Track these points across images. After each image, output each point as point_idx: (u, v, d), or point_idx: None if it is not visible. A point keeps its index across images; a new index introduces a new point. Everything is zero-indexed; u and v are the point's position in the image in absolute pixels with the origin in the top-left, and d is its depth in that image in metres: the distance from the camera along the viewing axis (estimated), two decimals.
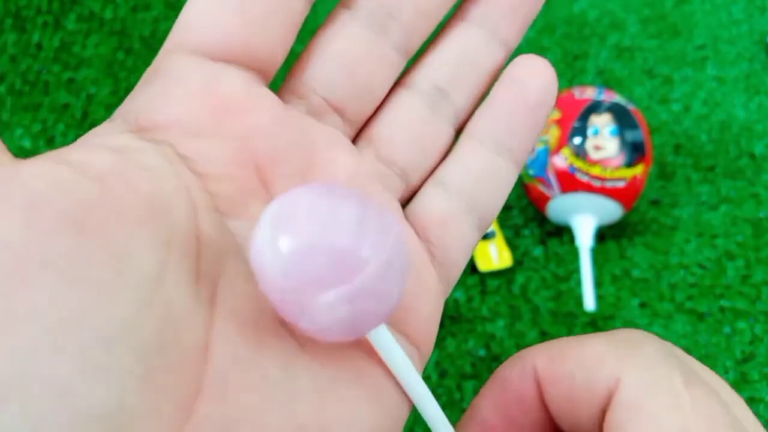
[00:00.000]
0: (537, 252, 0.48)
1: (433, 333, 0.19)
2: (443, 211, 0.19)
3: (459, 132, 0.21)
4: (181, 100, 0.16)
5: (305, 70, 0.19)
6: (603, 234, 0.49)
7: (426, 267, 0.19)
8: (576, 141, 0.44)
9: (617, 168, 0.43)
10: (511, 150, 0.20)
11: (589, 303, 0.45)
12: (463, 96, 0.21)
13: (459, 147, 0.20)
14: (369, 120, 0.20)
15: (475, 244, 0.21)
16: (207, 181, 0.16)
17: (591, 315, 0.46)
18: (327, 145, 0.18)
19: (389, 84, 0.20)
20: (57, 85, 0.56)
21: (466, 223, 0.20)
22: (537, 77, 0.20)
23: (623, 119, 0.44)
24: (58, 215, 0.12)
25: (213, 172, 0.16)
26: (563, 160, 0.44)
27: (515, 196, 0.50)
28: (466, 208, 0.20)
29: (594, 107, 0.44)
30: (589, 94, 0.46)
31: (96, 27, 0.59)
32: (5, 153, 0.13)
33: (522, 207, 0.50)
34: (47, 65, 0.57)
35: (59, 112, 0.54)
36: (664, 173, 0.52)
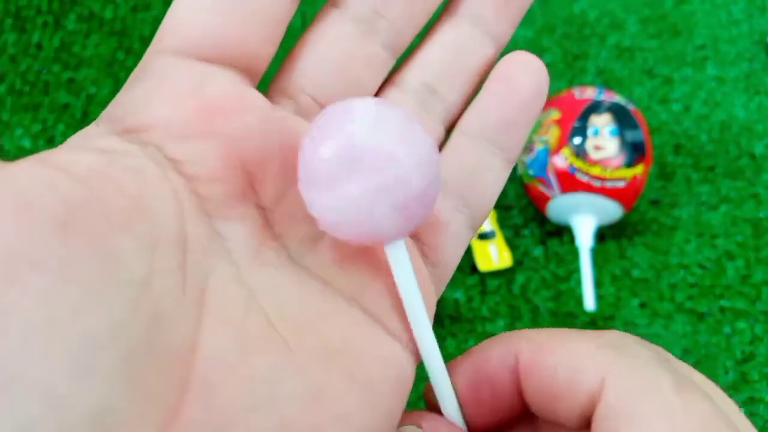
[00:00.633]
0: (537, 252, 0.48)
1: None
2: (435, 210, 0.19)
3: (450, 129, 0.21)
4: (168, 101, 0.16)
5: (293, 69, 0.19)
6: (603, 234, 0.49)
7: (418, 266, 0.19)
8: (576, 141, 0.44)
9: (617, 168, 0.43)
10: (503, 147, 0.20)
11: (589, 303, 0.45)
12: (454, 93, 0.20)
13: (450, 144, 0.20)
14: None
15: (468, 242, 0.20)
16: (195, 183, 0.16)
17: (591, 315, 0.46)
18: None
19: (378, 82, 0.20)
20: (57, 85, 0.56)
21: (458, 222, 0.20)
22: (528, 74, 0.20)
23: (623, 119, 0.44)
24: (45, 216, 0.12)
25: (201, 173, 0.16)
26: (563, 160, 0.44)
27: (515, 195, 0.50)
28: (457, 205, 0.20)
29: (594, 107, 0.44)
30: (589, 94, 0.46)
31: (96, 27, 0.59)
32: None
33: (522, 207, 0.50)
34: (47, 65, 0.57)
35: (59, 112, 0.54)
36: (664, 173, 0.52)
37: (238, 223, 0.16)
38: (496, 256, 0.46)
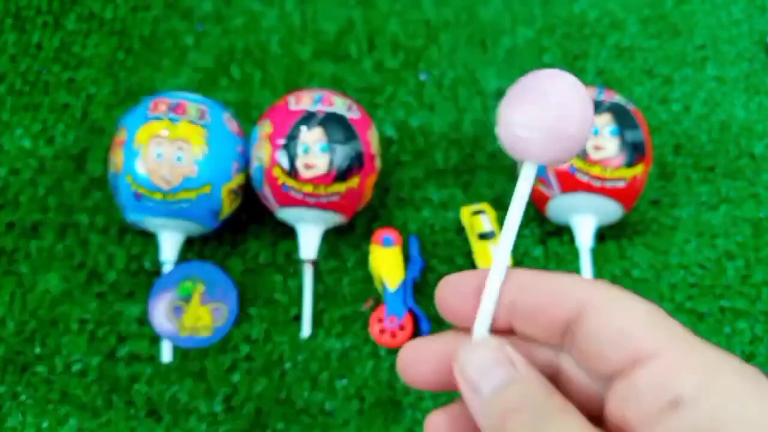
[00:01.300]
0: (537, 252, 0.48)
1: None
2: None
3: None
4: None
5: None
6: (603, 234, 0.49)
7: None
8: None
9: (617, 168, 0.43)
10: None
11: None
12: None
13: None
14: None
15: None
16: None
17: None
18: None
19: None
20: (57, 85, 0.56)
21: None
22: None
23: (623, 119, 0.44)
24: None
25: None
26: None
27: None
28: None
29: (594, 107, 0.44)
30: (589, 94, 0.46)
31: (96, 27, 0.59)
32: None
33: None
34: (47, 65, 0.57)
35: (59, 111, 0.54)
36: (664, 173, 0.52)
37: None
38: None
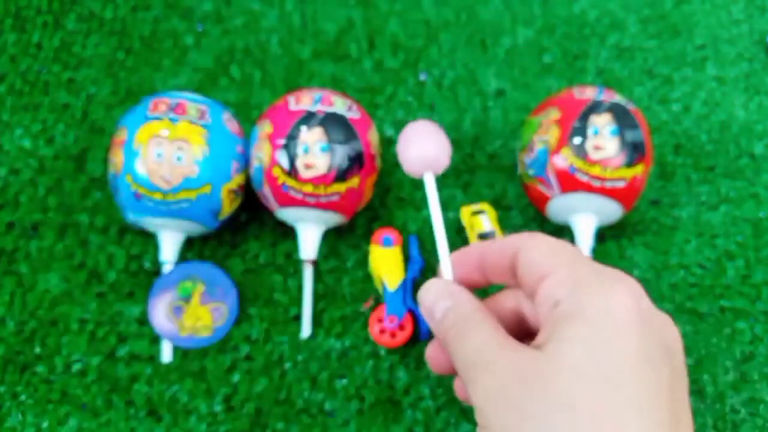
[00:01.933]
0: None
1: None
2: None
3: None
4: None
5: None
6: (603, 234, 0.49)
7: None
8: (576, 141, 0.44)
9: (617, 168, 0.43)
10: None
11: None
12: None
13: None
14: None
15: None
16: None
17: None
18: None
19: None
20: (57, 85, 0.56)
21: None
22: None
23: (623, 119, 0.44)
24: None
25: None
26: (563, 160, 0.44)
27: (515, 196, 0.50)
28: None
29: (594, 107, 0.44)
30: (589, 94, 0.46)
31: (96, 27, 0.59)
32: None
33: (522, 207, 0.50)
34: (47, 65, 0.57)
35: (59, 111, 0.54)
36: (664, 173, 0.52)
37: None
38: None
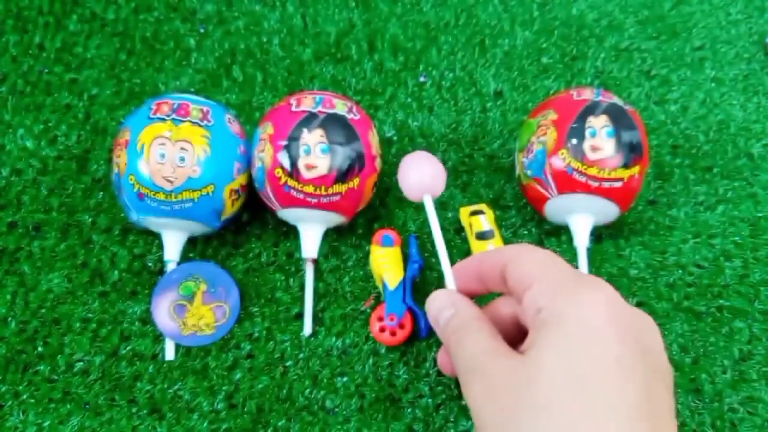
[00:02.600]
0: None
1: None
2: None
3: None
4: None
5: None
6: (600, 234, 0.49)
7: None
8: (573, 142, 0.44)
9: (614, 169, 0.44)
10: None
11: None
12: None
13: None
14: None
15: None
16: None
17: None
18: None
19: None
20: (59, 86, 0.56)
21: None
22: None
23: (620, 120, 0.44)
24: None
25: None
26: (561, 161, 0.44)
27: (513, 196, 0.50)
28: None
29: (591, 108, 0.45)
30: (587, 95, 0.46)
31: (98, 28, 0.59)
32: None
33: (520, 207, 0.50)
34: (49, 66, 0.57)
35: (61, 112, 0.55)
36: (661, 173, 0.52)
37: None
38: None
